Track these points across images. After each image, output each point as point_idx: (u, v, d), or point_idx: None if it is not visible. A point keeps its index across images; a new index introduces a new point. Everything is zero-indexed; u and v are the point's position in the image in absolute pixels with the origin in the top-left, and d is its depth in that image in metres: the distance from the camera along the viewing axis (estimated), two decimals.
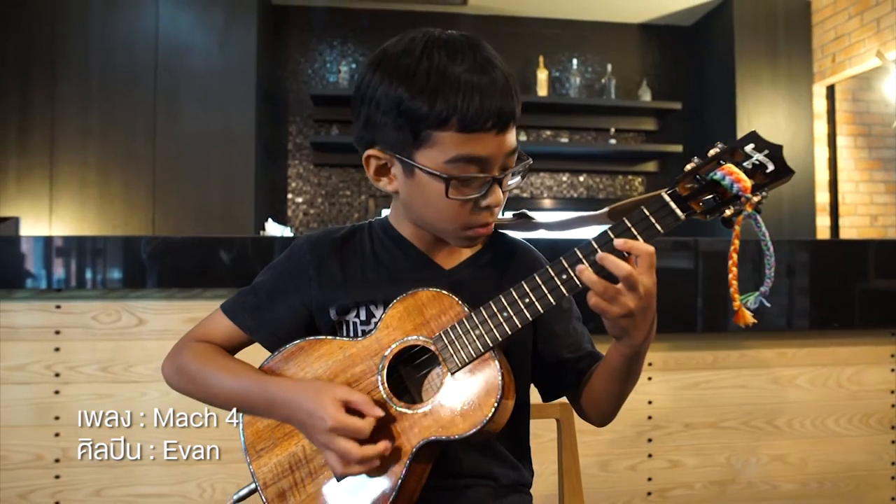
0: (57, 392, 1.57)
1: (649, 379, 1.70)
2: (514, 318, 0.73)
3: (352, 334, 0.82)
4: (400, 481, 0.73)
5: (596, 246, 0.70)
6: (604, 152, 4.34)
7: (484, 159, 0.74)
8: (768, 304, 0.74)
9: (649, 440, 1.69)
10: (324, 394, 0.73)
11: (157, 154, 3.63)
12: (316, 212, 4.34)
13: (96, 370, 1.56)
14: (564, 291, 0.72)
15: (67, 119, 3.61)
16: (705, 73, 4.30)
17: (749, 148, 0.68)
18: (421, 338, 0.76)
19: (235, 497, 0.81)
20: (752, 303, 0.73)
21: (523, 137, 4.35)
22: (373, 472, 0.74)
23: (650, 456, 1.69)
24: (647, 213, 0.70)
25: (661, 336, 1.65)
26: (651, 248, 0.68)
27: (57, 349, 1.56)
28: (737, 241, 0.70)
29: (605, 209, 0.75)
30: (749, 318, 0.73)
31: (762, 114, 3.95)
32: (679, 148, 4.22)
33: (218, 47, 3.67)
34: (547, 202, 4.43)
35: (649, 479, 1.69)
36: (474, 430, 0.71)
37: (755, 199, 0.67)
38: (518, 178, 0.82)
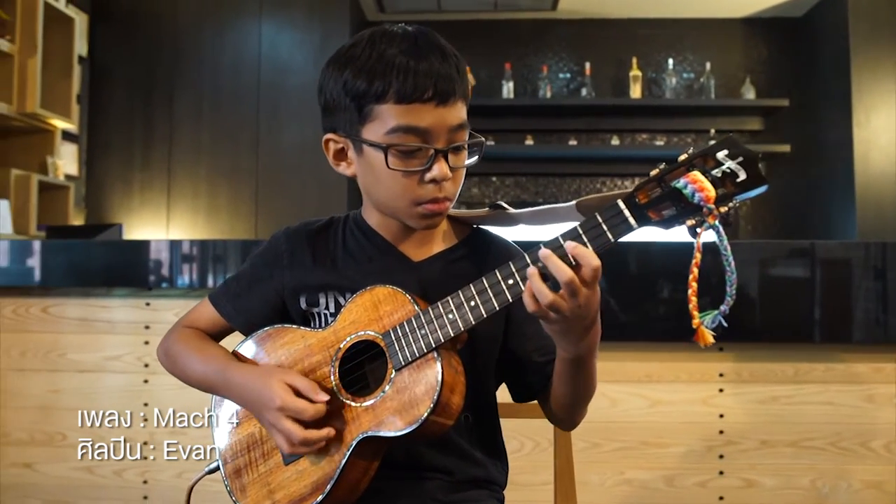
0: (146, 381, 1.72)
1: (720, 391, 1.60)
2: (458, 320, 0.72)
3: (322, 325, 0.85)
4: (339, 470, 0.74)
5: (547, 251, 0.68)
6: None
7: (423, 130, 0.76)
8: (726, 324, 0.68)
9: (721, 456, 1.59)
10: (274, 377, 0.77)
11: (259, 166, 3.89)
12: None
13: None
14: (509, 297, 0.70)
15: (183, 136, 3.96)
16: (817, 67, 3.98)
17: (722, 154, 0.64)
18: (371, 333, 0.77)
19: (206, 470, 0.87)
20: (709, 321, 0.67)
21: (616, 142, 4.23)
22: (316, 458, 0.77)
23: (722, 473, 1.59)
24: (600, 220, 0.67)
25: (731, 345, 1.57)
26: (596, 263, 0.66)
27: (146, 342, 1.71)
28: (698, 255, 0.66)
29: (573, 202, 0.73)
30: (709, 337, 0.68)
31: (882, 108, 3.60)
32: (787, 148, 3.94)
33: (314, 64, 3.88)
34: None
35: (721, 499, 1.58)
36: (409, 429, 0.71)
37: (720, 209, 0.63)
38: (475, 158, 0.82)
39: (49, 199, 3.26)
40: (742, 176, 0.63)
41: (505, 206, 0.84)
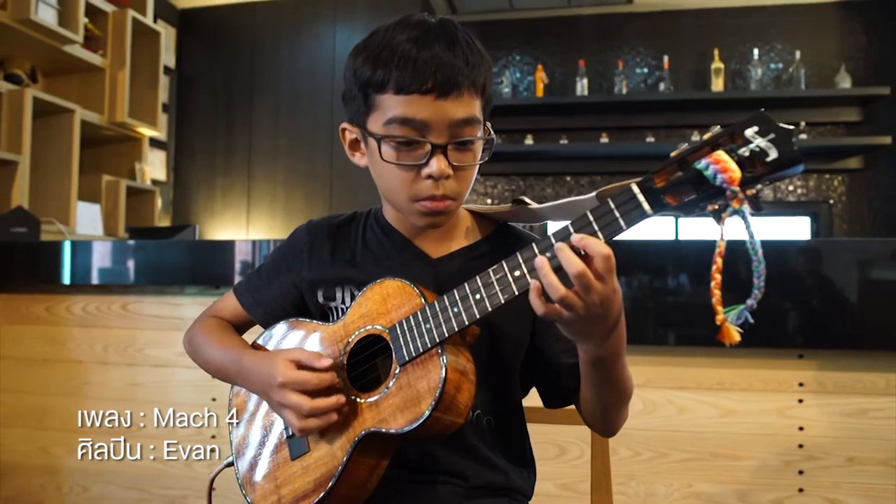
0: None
1: (800, 401, 1.47)
2: (462, 314, 0.68)
3: (338, 319, 0.83)
4: (342, 467, 0.72)
5: (554, 241, 0.63)
6: None
7: (420, 123, 0.73)
8: (752, 321, 0.60)
9: (800, 472, 1.47)
10: (277, 357, 0.76)
11: (334, 168, 3.98)
12: None
13: None
14: (515, 290, 0.66)
15: (261, 141, 4.11)
16: None
17: (751, 132, 0.57)
18: (379, 327, 0.75)
19: (224, 463, 0.87)
20: (733, 317, 0.60)
21: (696, 138, 4.03)
22: (321, 454, 0.75)
23: (801, 491, 1.47)
24: (612, 206, 0.61)
25: (812, 352, 1.45)
26: (607, 251, 0.60)
27: None
28: (722, 243, 0.59)
29: (594, 193, 0.67)
30: (734, 335, 0.60)
31: None
32: (888, 139, 3.62)
33: None
34: None
35: None
36: (410, 426, 0.68)
37: (746, 192, 0.56)
38: (485, 155, 0.78)
39: (137, 203, 3.47)
40: (773, 155, 0.56)
41: (527, 200, 0.80)
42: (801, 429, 1.47)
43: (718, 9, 4.04)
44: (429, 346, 0.70)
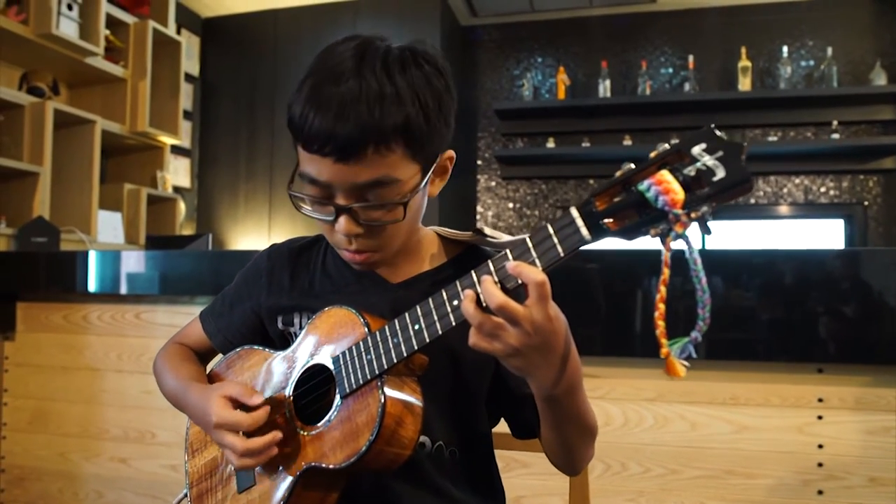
0: None
1: (819, 418, 1.41)
2: (402, 345, 0.65)
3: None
4: (283, 502, 0.70)
5: (492, 268, 0.60)
6: (824, 150, 3.74)
7: (323, 183, 0.68)
8: (695, 356, 0.56)
9: (820, 492, 1.40)
10: (213, 393, 0.74)
11: None
12: (504, 225, 4.38)
13: None
14: (452, 320, 0.62)
15: (283, 148, 4.13)
16: None
17: (698, 149, 0.52)
18: (323, 357, 0.72)
19: (183, 493, 0.85)
20: (676, 351, 0.56)
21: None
22: (266, 488, 0.73)
23: None
24: (551, 232, 0.58)
25: (833, 367, 1.38)
26: (540, 278, 0.57)
27: None
28: (667, 270, 0.54)
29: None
30: (680, 370, 0.56)
31: None
32: None
33: None
34: (755, 209, 3.95)
35: None
36: (348, 462, 0.65)
37: (691, 215, 0.51)
38: (417, 196, 0.72)
39: (159, 211, 3.51)
40: (720, 174, 0.51)
41: (487, 231, 0.76)
42: (820, 446, 1.40)
43: (746, 6, 3.93)
44: (368, 377, 0.67)
